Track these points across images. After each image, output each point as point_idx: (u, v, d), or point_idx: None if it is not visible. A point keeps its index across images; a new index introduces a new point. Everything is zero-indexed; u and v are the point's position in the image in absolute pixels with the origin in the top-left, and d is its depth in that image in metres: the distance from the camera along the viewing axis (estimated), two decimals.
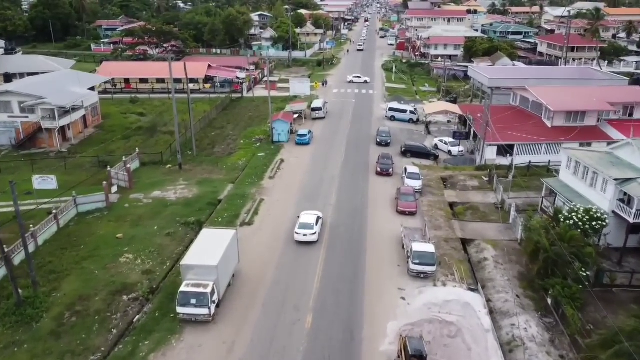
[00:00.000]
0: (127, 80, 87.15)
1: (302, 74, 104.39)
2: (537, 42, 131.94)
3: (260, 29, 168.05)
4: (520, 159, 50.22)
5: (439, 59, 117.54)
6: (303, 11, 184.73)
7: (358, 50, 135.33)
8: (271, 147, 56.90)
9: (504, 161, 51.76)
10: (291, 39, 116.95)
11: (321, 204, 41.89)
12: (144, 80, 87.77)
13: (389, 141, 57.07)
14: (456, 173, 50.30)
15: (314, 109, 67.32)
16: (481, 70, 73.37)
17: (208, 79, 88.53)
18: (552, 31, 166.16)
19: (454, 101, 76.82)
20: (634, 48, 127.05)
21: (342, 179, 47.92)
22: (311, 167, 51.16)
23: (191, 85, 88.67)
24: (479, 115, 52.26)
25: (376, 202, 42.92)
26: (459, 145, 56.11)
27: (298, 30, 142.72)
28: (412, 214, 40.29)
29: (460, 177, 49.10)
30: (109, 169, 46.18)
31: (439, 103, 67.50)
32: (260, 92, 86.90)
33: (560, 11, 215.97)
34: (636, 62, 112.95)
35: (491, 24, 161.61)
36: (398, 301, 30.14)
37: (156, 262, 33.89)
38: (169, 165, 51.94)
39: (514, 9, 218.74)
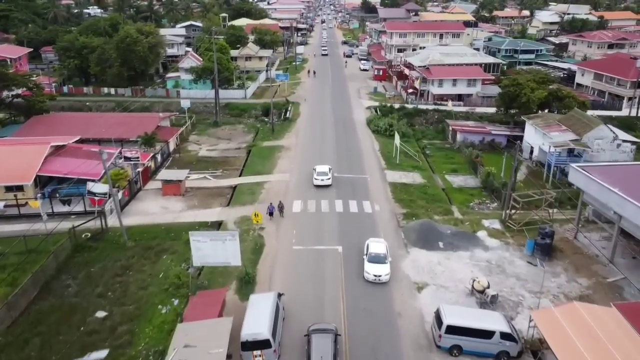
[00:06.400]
0: None
1: (237, 146, 61.38)
2: (573, 68, 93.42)
3: (188, 45, 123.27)
4: None
5: (448, 103, 77.34)
6: (244, 21, 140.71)
7: (323, 55, 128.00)
8: None
9: None
10: (217, 77, 73.32)
11: None
12: None
13: None
14: None
15: (248, 345, 24.88)
16: (607, 182, 32.85)
17: (45, 184, 44.75)
18: (565, 46, 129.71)
19: (551, 240, 36.42)
20: None
21: None
22: None
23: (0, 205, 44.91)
24: None
25: None
26: None
27: (235, 53, 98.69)
28: None
29: None
30: None
31: (584, 326, 24.53)
32: (147, 205, 43.73)
33: (547, 16, 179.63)
34: None
35: (489, 39, 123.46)
36: None
37: None
38: None
39: (501, 14, 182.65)
